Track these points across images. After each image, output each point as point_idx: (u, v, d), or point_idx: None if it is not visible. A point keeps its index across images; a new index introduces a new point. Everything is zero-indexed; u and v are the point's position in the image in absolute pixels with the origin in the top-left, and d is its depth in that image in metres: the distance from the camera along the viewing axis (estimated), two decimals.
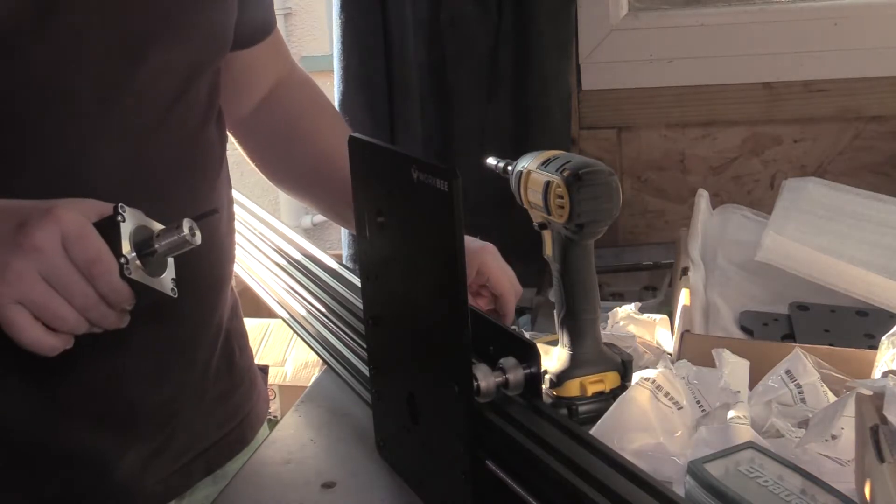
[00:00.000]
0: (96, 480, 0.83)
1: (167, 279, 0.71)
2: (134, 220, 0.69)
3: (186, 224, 0.69)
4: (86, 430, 0.81)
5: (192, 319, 0.88)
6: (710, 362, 0.85)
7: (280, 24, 1.42)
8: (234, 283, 1.01)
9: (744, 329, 0.96)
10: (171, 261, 0.71)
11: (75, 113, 0.74)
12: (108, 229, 0.67)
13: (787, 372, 0.80)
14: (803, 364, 0.80)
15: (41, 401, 0.79)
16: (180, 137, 0.83)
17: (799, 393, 0.78)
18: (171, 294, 0.71)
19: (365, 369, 0.84)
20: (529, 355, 0.64)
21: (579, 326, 0.82)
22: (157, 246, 0.69)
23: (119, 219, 0.67)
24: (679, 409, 0.75)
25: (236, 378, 0.98)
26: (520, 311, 1.14)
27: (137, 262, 0.68)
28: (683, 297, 0.96)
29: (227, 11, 0.86)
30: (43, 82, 0.73)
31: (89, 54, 0.74)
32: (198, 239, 0.70)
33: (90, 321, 0.67)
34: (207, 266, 0.88)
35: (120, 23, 0.75)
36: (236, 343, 0.98)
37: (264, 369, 1.08)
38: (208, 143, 0.88)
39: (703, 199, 1.21)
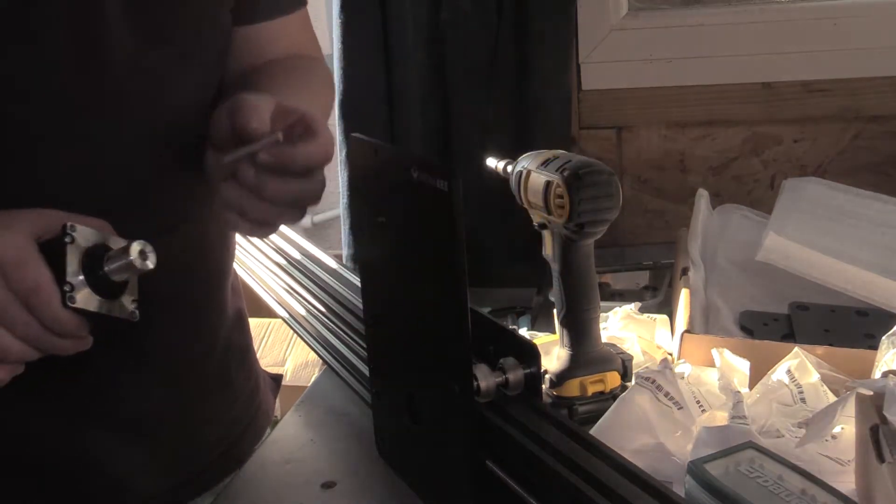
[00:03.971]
0: (82, 496, 0.82)
1: (126, 301, 0.66)
2: (88, 239, 0.64)
3: (137, 247, 0.64)
4: (66, 445, 0.80)
5: (173, 332, 0.84)
6: (710, 362, 0.85)
7: None
8: (243, 300, 0.98)
9: (744, 329, 0.96)
10: (134, 280, 0.66)
11: (77, 115, 0.73)
12: (54, 251, 0.62)
13: (787, 372, 0.80)
14: (803, 364, 0.80)
15: (31, 411, 0.78)
16: (185, 138, 0.82)
17: (799, 393, 0.78)
18: (130, 318, 0.66)
19: (365, 369, 0.84)
20: (529, 355, 0.64)
21: (579, 326, 0.82)
22: (106, 269, 0.63)
23: (67, 240, 0.62)
24: (679, 409, 0.75)
25: (230, 397, 0.94)
26: (520, 312, 1.14)
27: (86, 287, 0.63)
28: (683, 297, 0.96)
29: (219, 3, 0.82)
30: (38, 85, 0.71)
31: (49, 57, 0.71)
32: (150, 263, 0.64)
33: (39, 350, 0.63)
34: (193, 279, 0.86)
35: (89, 23, 0.72)
36: (234, 359, 0.94)
37: (276, 378, 1.05)
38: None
39: (703, 199, 1.21)
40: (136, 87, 0.75)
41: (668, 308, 1.05)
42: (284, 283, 1.07)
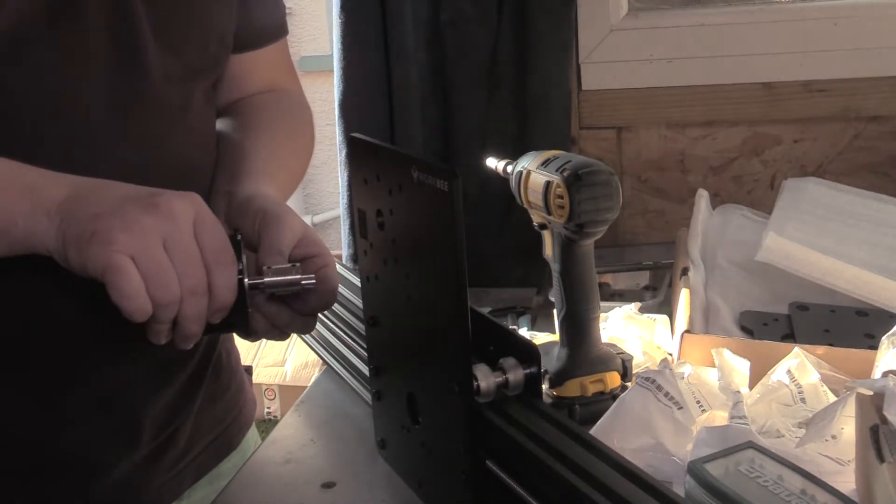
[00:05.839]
0: (92, 488, 0.83)
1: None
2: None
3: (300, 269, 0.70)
4: (85, 438, 0.81)
5: None
6: (710, 362, 0.85)
7: None
8: None
9: (744, 329, 0.96)
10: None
11: (84, 120, 0.74)
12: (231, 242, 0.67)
13: (787, 372, 0.80)
14: (803, 364, 0.80)
15: (43, 407, 0.79)
16: (187, 141, 0.83)
17: (799, 393, 0.78)
18: (245, 332, 0.71)
19: (365, 369, 0.84)
20: (529, 355, 0.64)
21: (579, 326, 0.82)
22: (265, 280, 0.68)
23: (238, 237, 0.69)
24: (679, 409, 0.75)
25: (223, 382, 0.97)
26: (520, 312, 1.14)
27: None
28: (683, 297, 0.96)
29: (228, 18, 0.86)
30: (53, 88, 0.72)
31: (97, 61, 0.74)
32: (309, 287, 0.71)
33: (182, 312, 0.64)
34: None
35: (124, 30, 0.75)
36: (223, 346, 0.98)
37: (248, 369, 1.08)
38: (214, 146, 0.88)
39: (703, 199, 1.21)
40: (168, 92, 0.79)
41: (668, 308, 1.04)
42: None
